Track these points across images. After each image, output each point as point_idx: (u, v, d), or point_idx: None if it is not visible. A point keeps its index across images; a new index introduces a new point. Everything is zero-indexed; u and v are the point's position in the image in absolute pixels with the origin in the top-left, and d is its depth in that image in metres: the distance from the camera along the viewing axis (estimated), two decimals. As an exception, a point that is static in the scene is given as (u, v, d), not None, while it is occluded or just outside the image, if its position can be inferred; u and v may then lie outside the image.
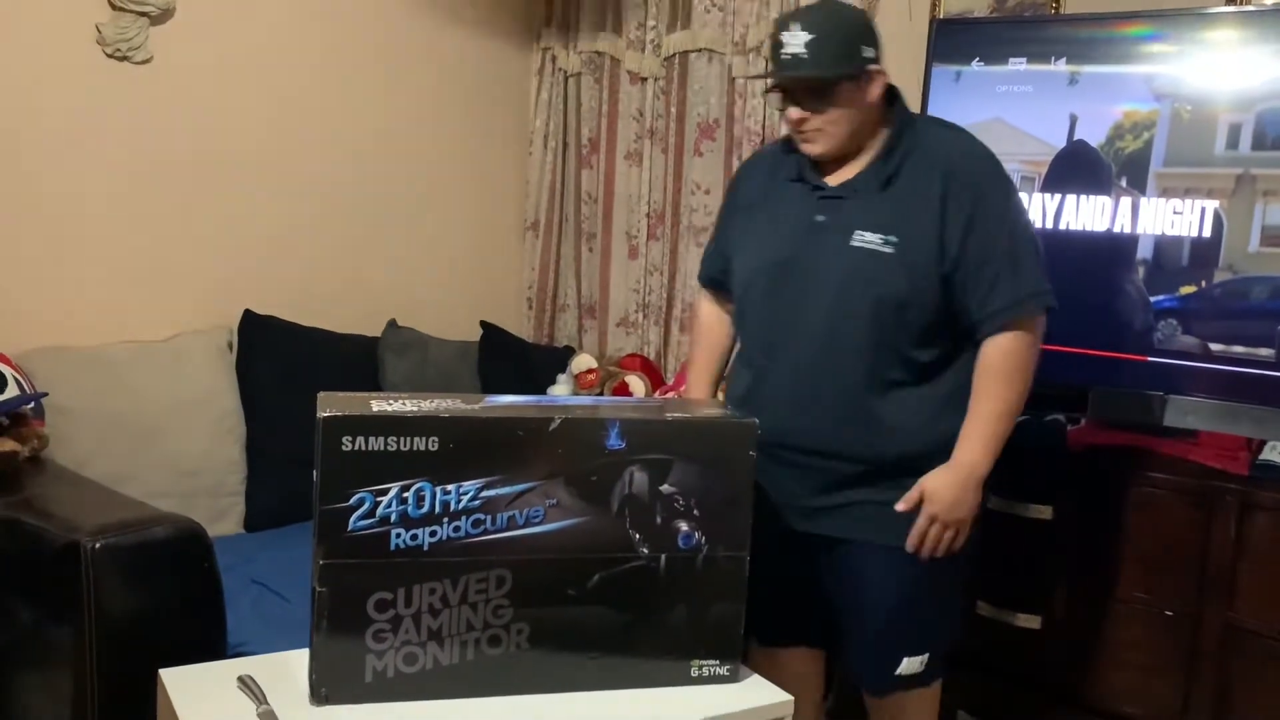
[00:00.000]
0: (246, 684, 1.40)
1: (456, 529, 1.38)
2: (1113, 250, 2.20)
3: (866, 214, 1.75)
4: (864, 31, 1.76)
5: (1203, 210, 2.11)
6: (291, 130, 2.97)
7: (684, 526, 1.45)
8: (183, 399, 2.59)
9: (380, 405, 1.37)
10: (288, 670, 1.45)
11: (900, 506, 1.73)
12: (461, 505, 1.37)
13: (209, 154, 2.81)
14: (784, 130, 1.89)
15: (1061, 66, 2.25)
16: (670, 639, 1.48)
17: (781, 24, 1.75)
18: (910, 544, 1.73)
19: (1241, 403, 2.05)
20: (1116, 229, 2.19)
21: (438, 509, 1.37)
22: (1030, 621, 2.23)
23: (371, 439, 1.33)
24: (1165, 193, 2.15)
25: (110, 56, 2.61)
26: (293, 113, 2.96)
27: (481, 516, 1.38)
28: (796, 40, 1.70)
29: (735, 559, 1.48)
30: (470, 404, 1.43)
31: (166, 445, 2.53)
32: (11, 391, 2.13)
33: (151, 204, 2.72)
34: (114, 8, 2.58)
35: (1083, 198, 2.22)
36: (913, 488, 1.72)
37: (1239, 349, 2.08)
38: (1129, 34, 2.20)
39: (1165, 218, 2.15)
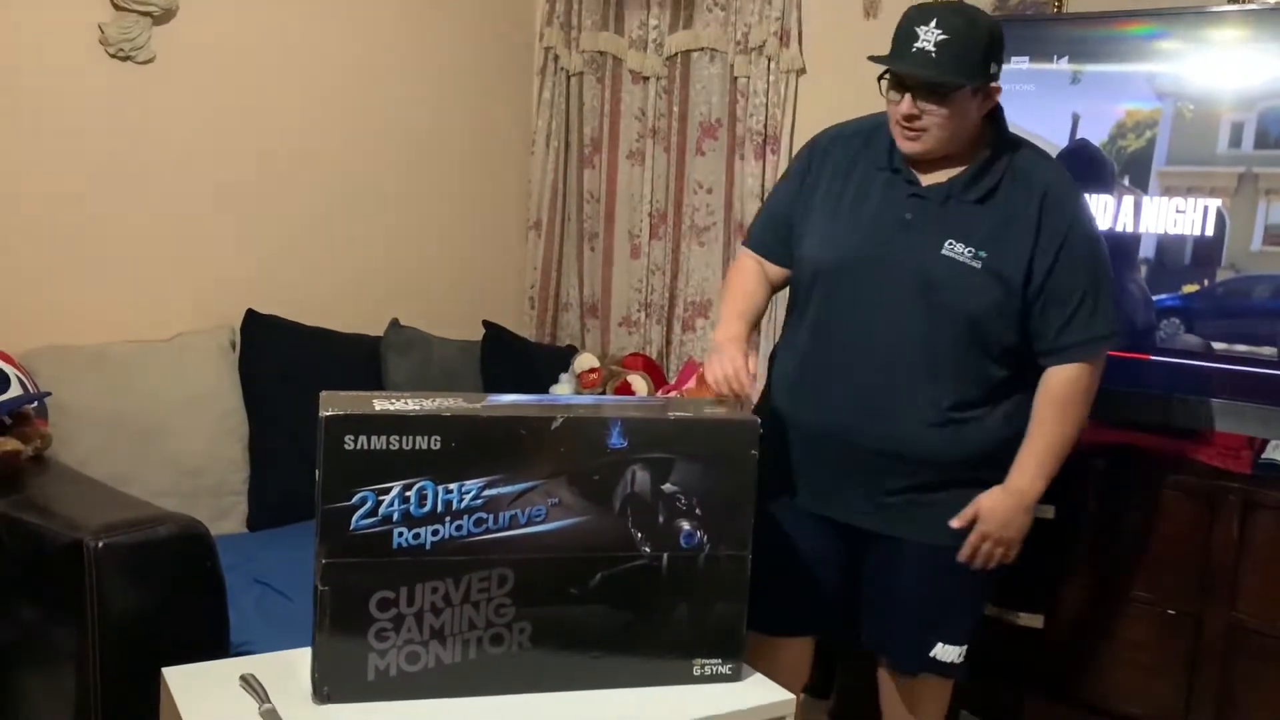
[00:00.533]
0: (249, 683, 1.40)
1: (459, 528, 1.38)
2: (1115, 249, 2.18)
3: (960, 224, 1.73)
4: (996, 45, 1.72)
5: (1205, 209, 2.10)
6: (294, 130, 2.97)
7: (686, 525, 1.45)
8: (185, 398, 2.59)
9: (382, 404, 1.37)
10: (290, 669, 1.45)
11: (955, 523, 1.76)
12: (464, 504, 1.38)
13: (212, 154, 2.81)
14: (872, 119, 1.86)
15: (1064, 65, 2.25)
16: (672, 638, 1.48)
17: (918, 16, 1.69)
18: (962, 556, 1.77)
19: (1244, 401, 2.05)
20: (1119, 228, 2.19)
21: (440, 508, 1.37)
22: (1033, 621, 2.23)
23: (374, 438, 1.33)
24: (1168, 191, 2.14)
25: (113, 56, 2.61)
26: (295, 112, 2.96)
27: (484, 515, 1.39)
28: (930, 37, 1.66)
29: (737, 558, 1.48)
30: (472, 403, 1.43)
31: (169, 444, 2.53)
32: (14, 391, 2.13)
33: (154, 203, 2.72)
34: (117, 8, 2.58)
35: (1085, 196, 2.22)
36: (968, 505, 1.76)
37: (1242, 348, 2.07)
38: (1131, 33, 2.20)
39: (1168, 216, 2.14)
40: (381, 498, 1.35)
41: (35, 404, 2.20)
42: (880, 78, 1.76)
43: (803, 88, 3.01)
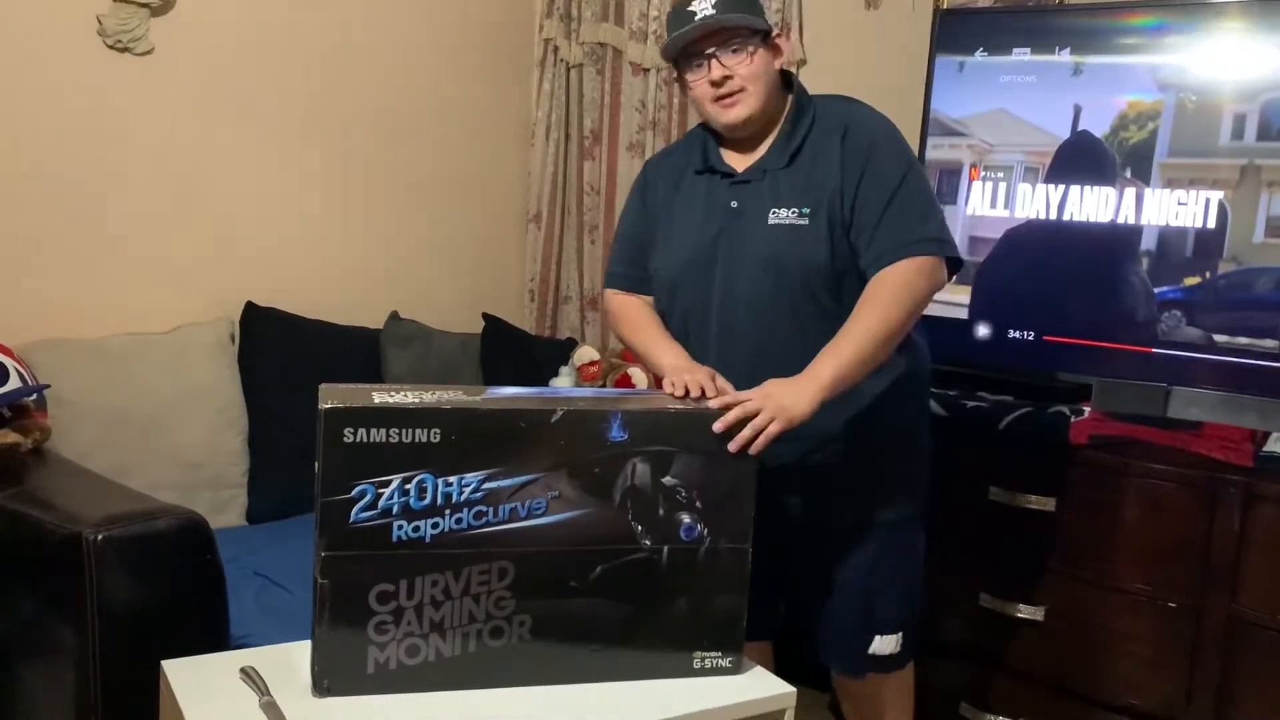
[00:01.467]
0: (249, 675, 1.40)
1: (458, 521, 1.38)
2: (1117, 241, 2.19)
3: (777, 191, 1.77)
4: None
5: (1207, 201, 2.10)
6: (292, 121, 2.96)
7: (686, 518, 1.45)
8: (185, 391, 2.59)
9: (382, 397, 1.37)
10: (290, 662, 1.45)
11: (719, 405, 1.51)
12: (463, 497, 1.37)
13: (210, 145, 2.80)
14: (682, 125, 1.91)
15: (1065, 57, 2.24)
16: (672, 631, 1.48)
17: None
18: (728, 417, 1.48)
19: (1246, 394, 2.04)
20: (1120, 220, 2.18)
21: (440, 501, 1.37)
22: (1033, 613, 2.22)
23: (373, 431, 1.33)
24: (1170, 183, 2.14)
25: (111, 48, 2.60)
26: (293, 104, 2.96)
27: (484, 508, 1.38)
28: (705, 4, 1.72)
29: (738, 551, 1.48)
30: (472, 396, 1.43)
31: (168, 437, 2.53)
32: (13, 384, 2.13)
33: (153, 195, 2.72)
34: (114, -1, 2.58)
35: (1087, 189, 2.21)
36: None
37: (1243, 340, 2.07)
38: (1133, 24, 2.19)
39: (1169, 209, 2.14)
40: (381, 490, 1.34)
41: (34, 397, 2.19)
42: (675, 63, 1.80)
43: (803, 79, 2.99)
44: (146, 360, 2.58)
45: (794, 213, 1.76)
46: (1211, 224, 2.09)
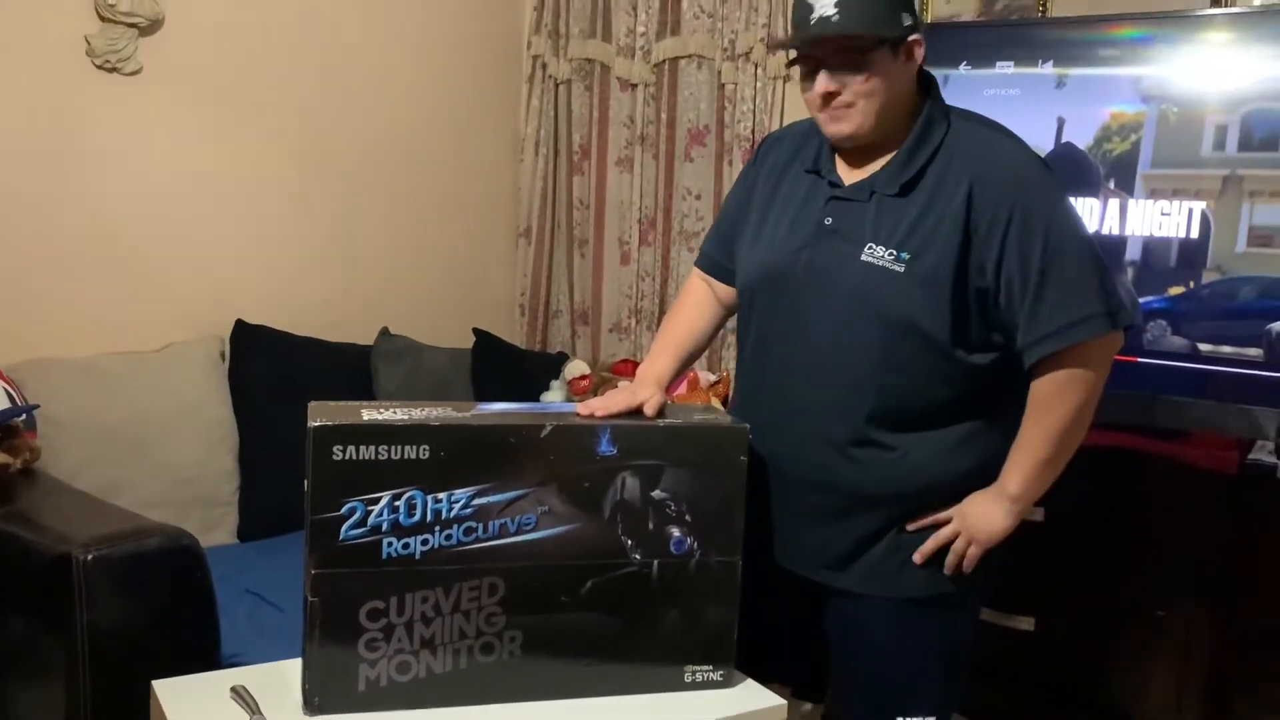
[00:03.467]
0: (240, 694, 1.40)
1: (448, 537, 1.38)
2: (1102, 252, 2.20)
3: (882, 223, 1.53)
4: None
5: (1190, 211, 2.12)
6: (282, 139, 2.97)
7: (676, 532, 1.45)
8: (175, 409, 2.59)
9: (371, 414, 1.37)
10: (281, 680, 1.44)
11: (919, 556, 1.55)
12: (453, 513, 1.38)
13: (199, 164, 2.81)
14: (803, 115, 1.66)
15: (1048, 69, 2.26)
16: (663, 644, 1.48)
17: None
18: (926, 549, 1.55)
19: (1231, 402, 2.06)
20: (1105, 230, 2.20)
21: (429, 517, 1.37)
22: (1026, 623, 2.23)
23: (362, 448, 1.33)
24: (1153, 194, 2.16)
25: (99, 68, 2.61)
26: (283, 122, 2.96)
27: (473, 524, 1.39)
28: (827, 3, 1.46)
29: (728, 564, 1.48)
30: (461, 412, 1.43)
31: (159, 456, 2.53)
32: (2, 404, 2.13)
33: (142, 214, 2.72)
34: (103, 19, 2.58)
35: (1071, 200, 2.23)
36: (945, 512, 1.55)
37: (1228, 349, 2.08)
38: (1115, 36, 2.21)
39: (1153, 219, 2.16)
40: (370, 508, 1.35)
41: (24, 417, 2.19)
42: (788, 66, 1.61)
43: (790, 93, 3.02)
44: (136, 379, 2.58)
45: (891, 255, 1.50)
46: (1195, 234, 2.11)
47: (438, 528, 1.37)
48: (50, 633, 1.79)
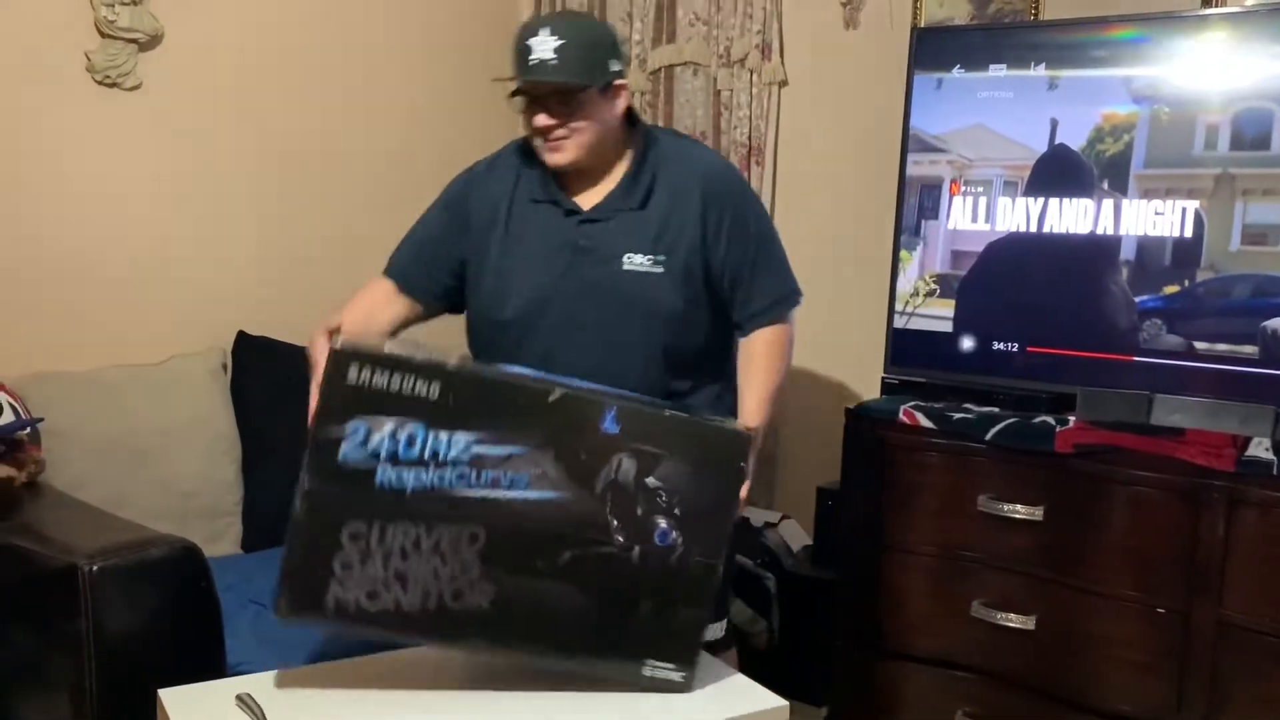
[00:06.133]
0: (245, 702, 1.41)
1: (441, 478, 1.40)
2: (1096, 252, 2.22)
3: (632, 234, 1.79)
4: (611, 45, 1.82)
5: (1183, 211, 2.13)
6: (281, 152, 2.98)
7: (663, 523, 1.47)
8: (178, 421, 2.60)
9: (393, 348, 1.41)
10: (287, 688, 1.46)
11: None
12: (451, 455, 1.40)
13: (199, 178, 2.83)
14: (527, 141, 1.89)
15: (1041, 71, 2.28)
16: (629, 633, 1.49)
17: (529, 29, 1.75)
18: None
19: (1227, 400, 2.07)
20: (1099, 231, 2.21)
21: (427, 455, 1.40)
22: (1024, 622, 2.24)
23: (377, 374, 1.37)
24: (1146, 194, 2.17)
25: (100, 83, 2.63)
26: (282, 135, 2.98)
27: (467, 471, 1.41)
28: (546, 46, 1.71)
29: (708, 566, 1.50)
30: (480, 367, 1.49)
31: (162, 467, 2.54)
32: (7, 417, 2.14)
33: (143, 228, 2.74)
34: (103, 35, 2.60)
35: (1065, 201, 2.25)
36: None
37: (1223, 347, 2.10)
38: (1107, 38, 2.23)
39: (1147, 219, 2.17)
40: (374, 433, 1.38)
41: (28, 430, 2.21)
42: (512, 95, 1.81)
43: (785, 99, 3.04)
44: (139, 391, 2.59)
45: (650, 260, 1.79)
46: (1189, 233, 2.12)
47: (433, 466, 1.40)
48: (56, 643, 1.80)
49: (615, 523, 1.46)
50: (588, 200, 1.84)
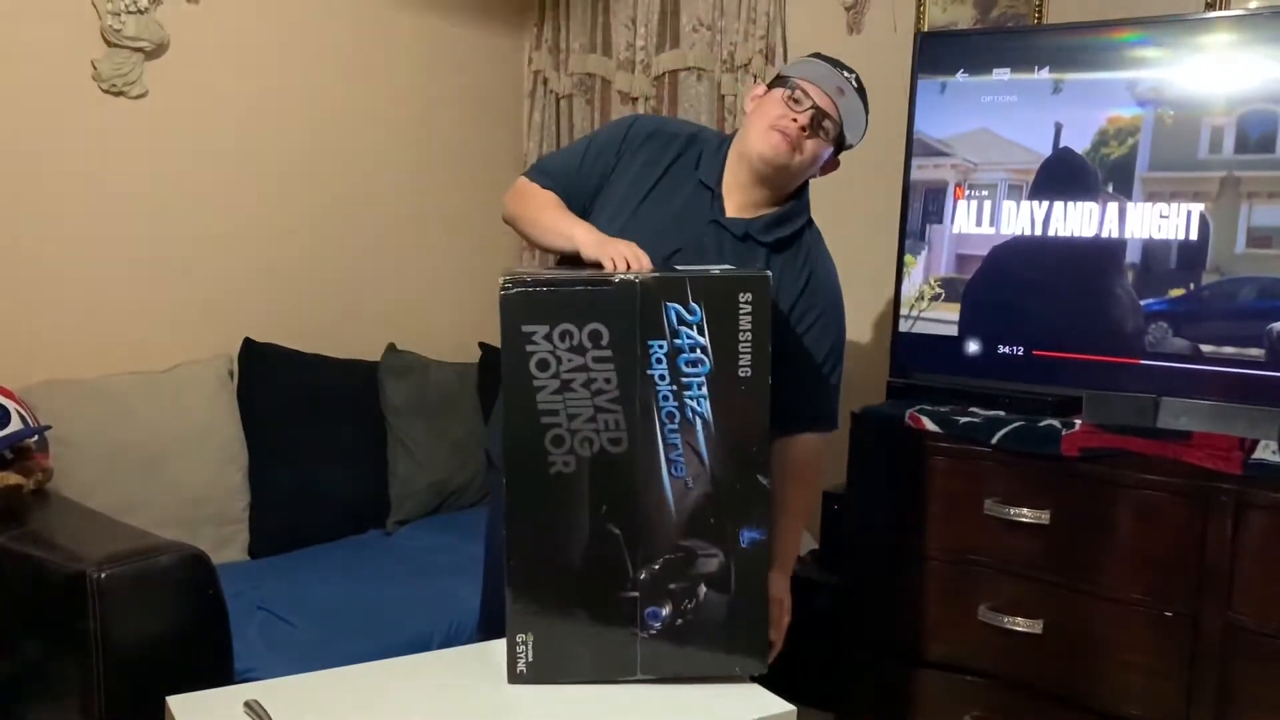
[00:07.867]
0: (253, 709, 1.41)
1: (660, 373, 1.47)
2: (1101, 256, 2.22)
3: (737, 261, 1.79)
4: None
5: (1189, 214, 2.12)
6: (287, 159, 3.00)
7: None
8: (185, 428, 2.61)
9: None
10: (295, 695, 1.46)
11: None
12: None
13: (206, 186, 2.84)
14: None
15: (1045, 75, 2.28)
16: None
17: (839, 65, 1.84)
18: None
19: (1233, 403, 2.06)
20: (1104, 234, 2.21)
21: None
22: (1031, 626, 2.23)
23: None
24: (1151, 197, 2.16)
25: (106, 92, 2.64)
26: (287, 142, 2.99)
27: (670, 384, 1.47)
28: (849, 84, 1.82)
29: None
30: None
31: (170, 474, 2.55)
32: (15, 425, 2.15)
33: (150, 235, 2.75)
34: (109, 44, 2.62)
35: (1070, 204, 2.24)
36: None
37: (1229, 349, 2.09)
38: (1110, 41, 2.23)
39: (1152, 222, 2.16)
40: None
41: (36, 438, 2.22)
42: (771, 84, 1.84)
43: (789, 104, 3.04)
44: (146, 399, 2.60)
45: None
46: (1194, 236, 2.12)
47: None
48: (65, 650, 1.81)
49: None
50: (735, 211, 1.85)
